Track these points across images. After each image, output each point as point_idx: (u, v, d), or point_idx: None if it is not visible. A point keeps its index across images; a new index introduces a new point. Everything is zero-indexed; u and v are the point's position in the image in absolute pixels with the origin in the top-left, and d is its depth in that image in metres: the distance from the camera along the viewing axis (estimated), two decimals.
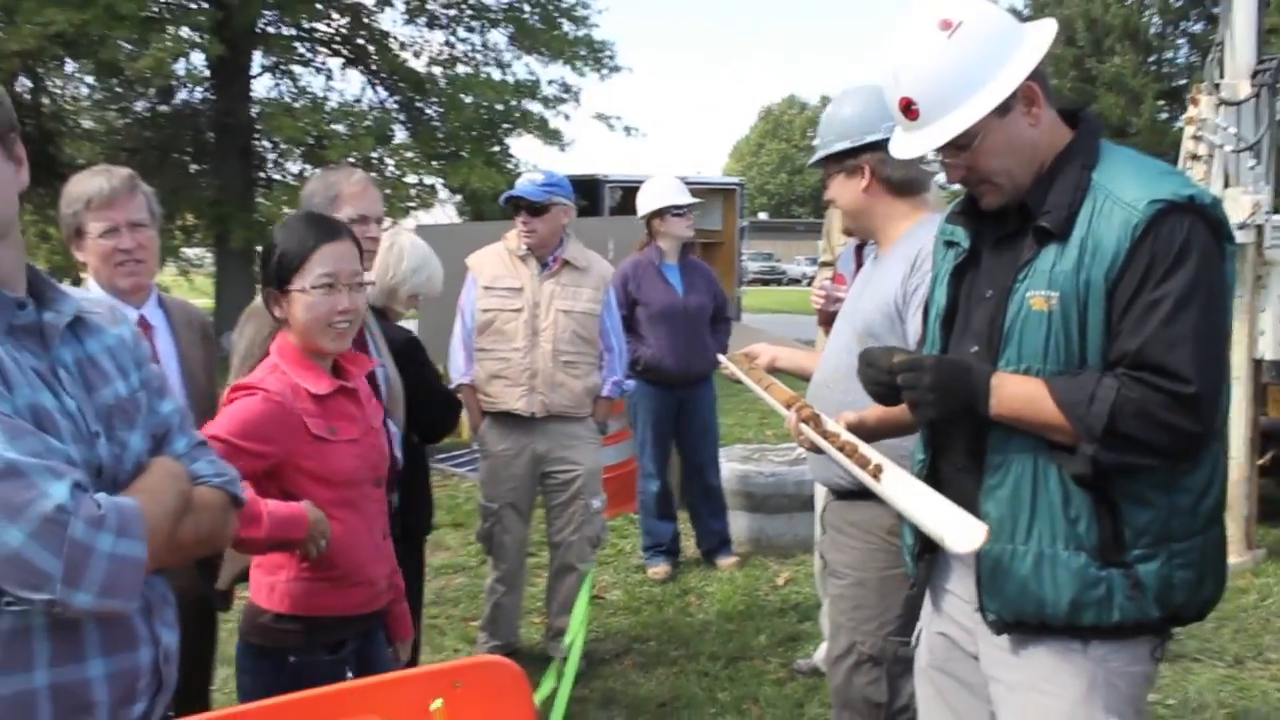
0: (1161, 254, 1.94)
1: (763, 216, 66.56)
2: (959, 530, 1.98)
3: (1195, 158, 6.09)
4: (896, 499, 2.14)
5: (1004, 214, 2.20)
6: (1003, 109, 2.07)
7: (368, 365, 2.72)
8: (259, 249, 2.79)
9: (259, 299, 2.84)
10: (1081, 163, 2.09)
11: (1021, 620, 2.12)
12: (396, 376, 3.73)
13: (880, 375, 2.22)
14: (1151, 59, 28.31)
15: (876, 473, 2.21)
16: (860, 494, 2.66)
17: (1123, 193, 2.00)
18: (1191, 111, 6.09)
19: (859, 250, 4.00)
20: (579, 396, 4.77)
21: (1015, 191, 2.14)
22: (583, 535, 4.84)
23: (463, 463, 9.22)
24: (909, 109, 2.16)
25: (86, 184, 2.98)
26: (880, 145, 2.90)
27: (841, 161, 3.02)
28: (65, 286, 1.87)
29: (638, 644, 5.14)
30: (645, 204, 6.15)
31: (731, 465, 6.76)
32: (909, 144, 2.21)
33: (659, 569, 6.18)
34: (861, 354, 2.31)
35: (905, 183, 2.95)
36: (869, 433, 2.46)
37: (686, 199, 6.12)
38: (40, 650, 1.60)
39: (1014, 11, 28.85)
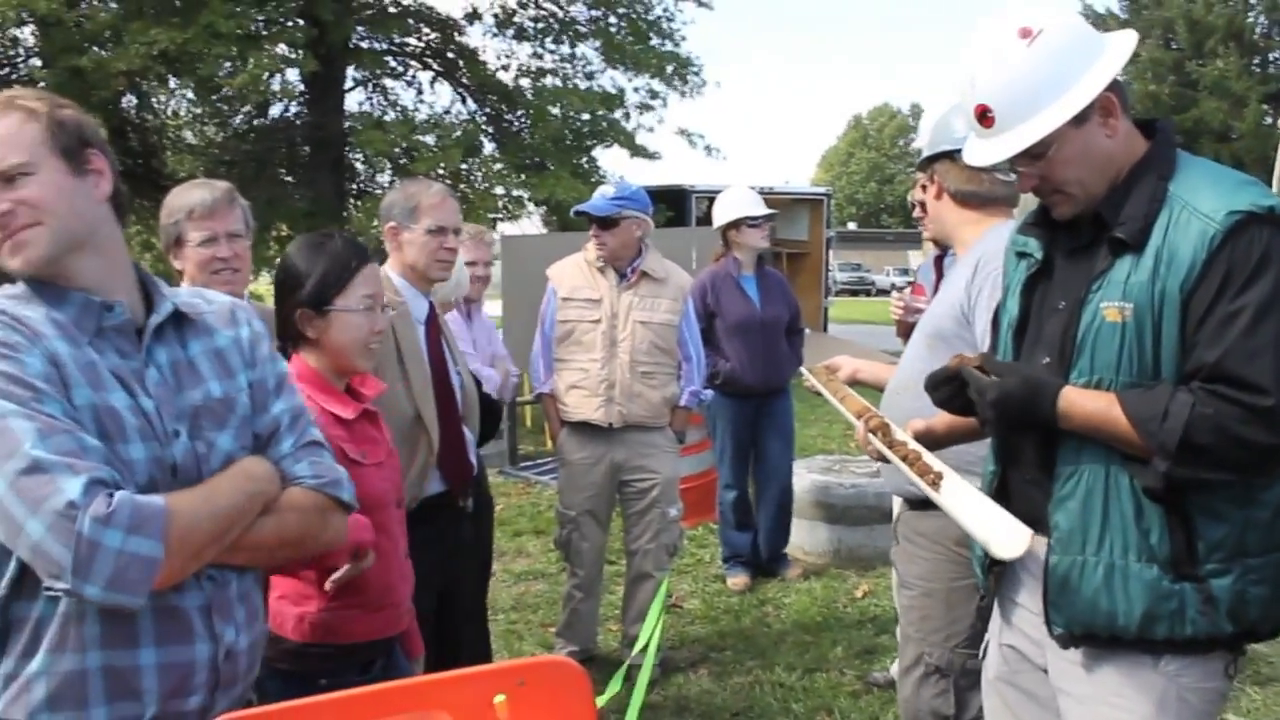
0: (1240, 265, 1.91)
1: (851, 226, 65.98)
2: (1004, 535, 1.98)
3: None
4: (950, 506, 2.14)
5: (1077, 224, 2.18)
6: (1079, 119, 2.06)
7: (378, 388, 2.74)
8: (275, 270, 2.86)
9: None
10: (1158, 173, 2.07)
11: (1091, 633, 2.09)
12: (471, 383, 3.81)
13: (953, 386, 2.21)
14: (1256, 61, 27.45)
15: (936, 481, 2.21)
16: (931, 504, 2.67)
17: (1199, 203, 1.98)
18: None
19: (939, 261, 4.00)
20: (656, 407, 4.80)
21: (1088, 202, 2.12)
22: (659, 543, 4.86)
23: (545, 471, 9.31)
24: (984, 116, 2.15)
25: (188, 195, 3.12)
26: (949, 155, 2.95)
27: (925, 168, 3.11)
28: (175, 289, 1.98)
29: (714, 653, 5.15)
30: (720, 215, 6.16)
31: (812, 476, 6.73)
32: (983, 152, 2.20)
33: (738, 579, 6.18)
34: (928, 380, 2.32)
35: (968, 195, 2.98)
36: (937, 440, 2.45)
37: (761, 210, 6.10)
38: (92, 634, 1.71)
39: (1110, 15, 28.38)
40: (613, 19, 18.57)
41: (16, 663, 1.73)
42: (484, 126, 18.50)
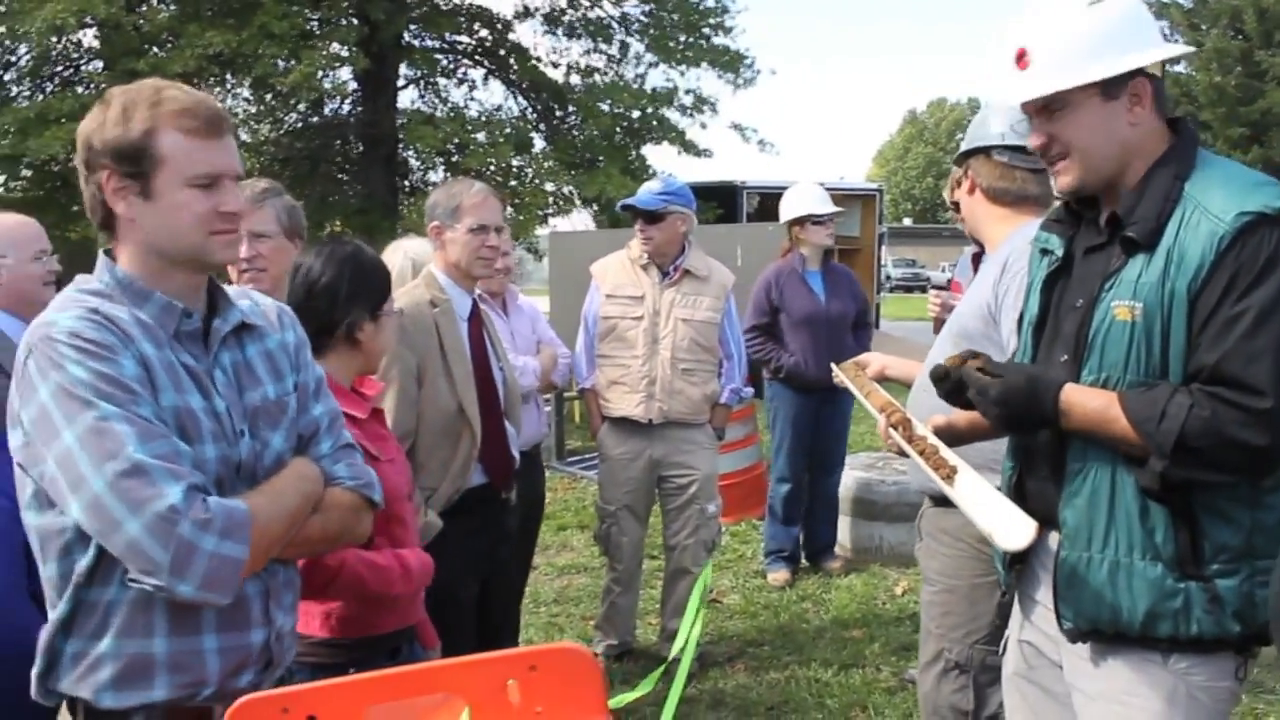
0: (1247, 266, 1.90)
1: (907, 222, 65.47)
2: (1008, 527, 2.00)
3: None
4: (961, 499, 2.16)
5: (1096, 221, 2.18)
6: (1108, 93, 2.06)
7: (377, 388, 2.81)
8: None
9: None
10: (1174, 172, 2.06)
11: (1097, 628, 2.10)
12: (515, 379, 3.87)
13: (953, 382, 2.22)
14: None
15: (950, 475, 2.22)
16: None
17: (1211, 203, 1.97)
18: None
19: (976, 259, 3.99)
20: (696, 403, 4.84)
21: (1089, 178, 2.11)
22: (698, 539, 4.89)
23: (591, 465, 9.35)
24: (1022, 58, 2.14)
25: None
26: (981, 154, 2.97)
27: (958, 164, 3.14)
28: (236, 295, 2.07)
29: (751, 648, 5.18)
30: (786, 212, 6.22)
31: (855, 473, 6.73)
32: (1011, 89, 2.18)
33: (779, 574, 6.21)
34: (931, 373, 2.33)
35: (1000, 192, 2.98)
36: (959, 435, 2.46)
37: (828, 208, 6.15)
38: (160, 621, 1.83)
39: (1174, 4, 27.78)
40: (664, 14, 18.56)
41: (85, 643, 1.83)
42: (535, 123, 18.60)
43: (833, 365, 3.36)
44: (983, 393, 2.12)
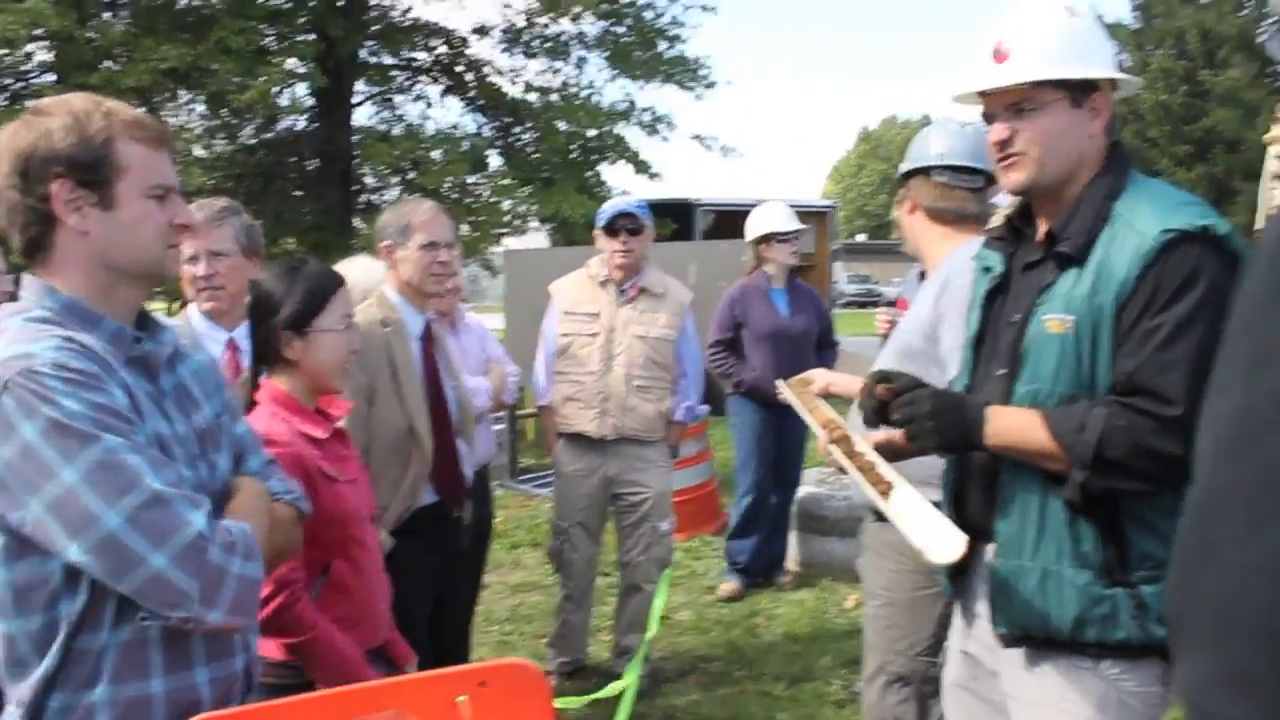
0: (1167, 282, 1.98)
1: (861, 238, 65.97)
2: (937, 541, 2.07)
3: (1279, 178, 6.00)
4: (895, 515, 2.22)
5: (1032, 239, 2.27)
6: (1075, 101, 2.15)
7: (344, 408, 2.80)
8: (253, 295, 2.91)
9: None
10: (1105, 191, 2.15)
11: (1029, 634, 2.18)
12: (468, 397, 3.91)
13: (873, 403, 2.30)
14: (1269, 70, 27.42)
15: (886, 491, 2.29)
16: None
17: (1137, 221, 2.06)
18: (1274, 131, 6.02)
19: (923, 276, 4.09)
20: (651, 420, 4.89)
21: (1038, 179, 2.18)
22: (650, 557, 4.94)
23: (545, 483, 9.37)
24: (998, 52, 2.21)
25: None
26: (922, 174, 3.07)
27: (901, 185, 3.25)
28: (160, 317, 2.04)
29: (703, 663, 5.22)
30: (752, 229, 6.35)
31: (805, 488, 6.81)
32: (979, 78, 2.25)
33: (729, 585, 6.28)
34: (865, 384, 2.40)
35: (940, 211, 3.07)
36: (898, 451, 2.53)
37: (792, 225, 6.28)
38: (155, 660, 1.77)
39: (1120, 25, 28.31)
40: (621, 28, 18.67)
41: (75, 694, 1.72)
42: (491, 140, 18.62)
43: (778, 382, 3.44)
44: (913, 404, 2.19)
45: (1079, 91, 2.16)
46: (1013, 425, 2.11)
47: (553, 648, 5.06)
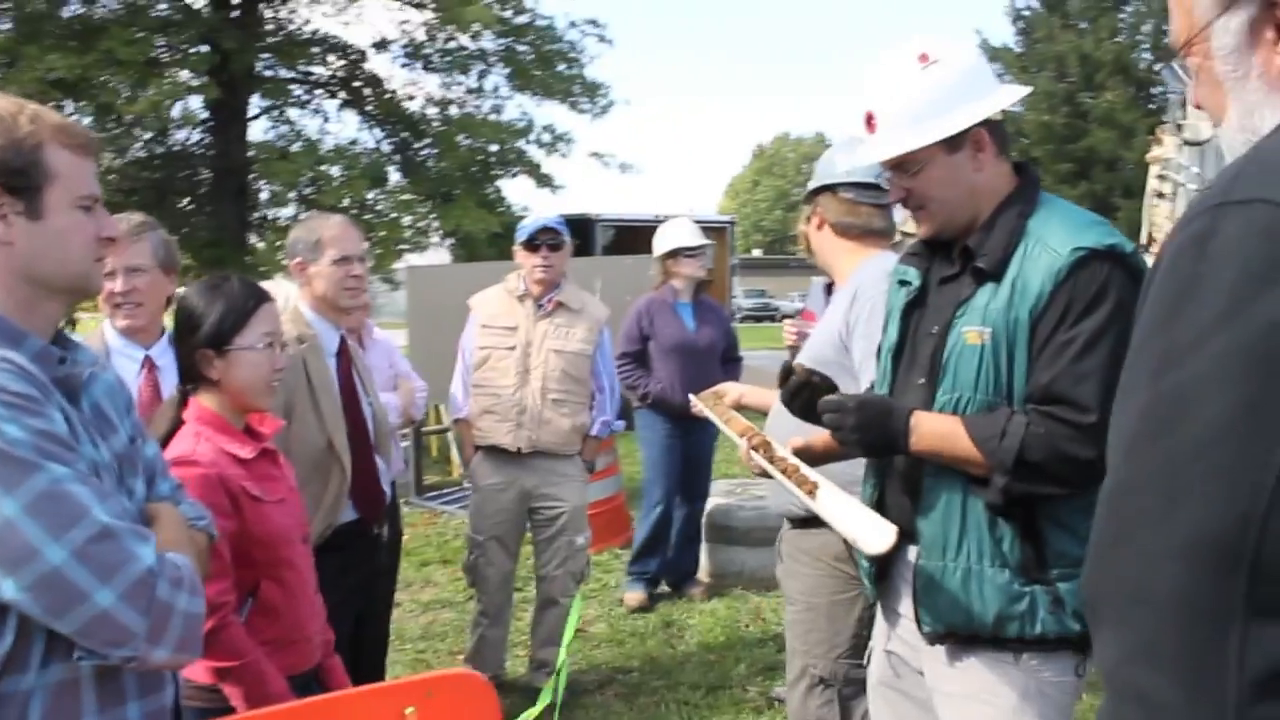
0: (1079, 297, 2.10)
1: (757, 253, 66.88)
2: (869, 532, 2.15)
3: (1160, 196, 6.30)
4: (824, 511, 2.31)
5: (949, 255, 2.37)
6: (951, 146, 2.26)
7: (275, 426, 2.77)
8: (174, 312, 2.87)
9: None
10: (1019, 211, 2.27)
11: (952, 631, 2.27)
12: (384, 414, 3.89)
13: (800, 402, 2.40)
14: (1143, 94, 28.60)
15: (812, 491, 2.38)
16: (812, 523, 2.86)
17: (1050, 239, 2.18)
18: (1156, 151, 6.32)
19: (829, 289, 4.19)
20: (567, 434, 4.92)
21: (947, 224, 2.32)
22: (566, 570, 4.96)
23: (451, 500, 9.34)
24: (870, 121, 2.34)
25: None
26: (831, 189, 3.18)
27: (807, 202, 3.34)
28: (73, 335, 1.96)
29: (620, 675, 5.25)
30: (660, 245, 6.47)
31: (714, 500, 6.90)
32: (862, 152, 2.41)
33: (635, 595, 6.35)
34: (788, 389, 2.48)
35: (847, 226, 3.19)
36: (816, 457, 2.61)
37: (698, 241, 6.39)
38: (88, 699, 1.67)
39: (1005, 49, 29.29)
40: (521, 47, 18.71)
41: None
42: (390, 156, 18.47)
43: (692, 396, 3.50)
44: (839, 408, 2.29)
45: (952, 139, 2.26)
46: (936, 431, 2.21)
47: (470, 663, 5.03)
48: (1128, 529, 1.06)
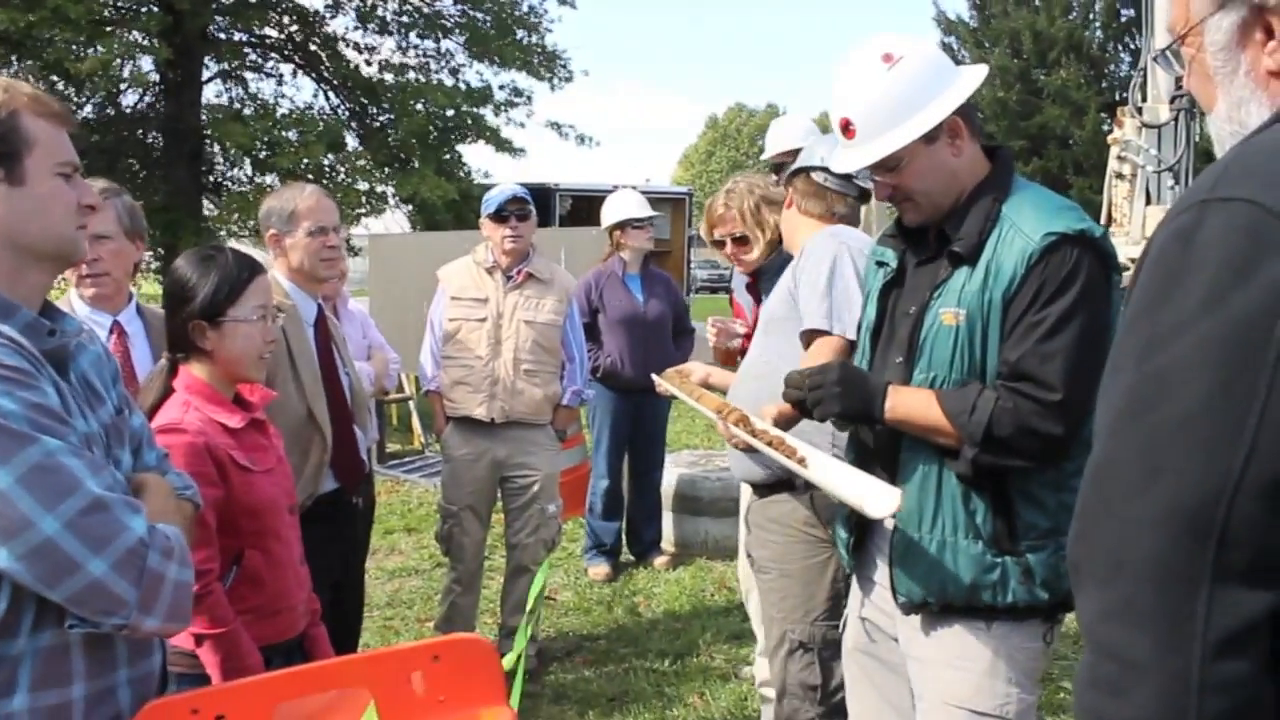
0: (1050, 279, 2.19)
1: None
2: (876, 497, 2.22)
3: (1120, 176, 6.43)
4: (821, 479, 2.38)
5: (925, 237, 2.45)
6: (928, 138, 2.34)
7: (266, 396, 2.79)
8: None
9: None
10: (994, 195, 2.35)
11: (927, 601, 2.37)
12: (360, 383, 3.91)
13: (797, 391, 2.46)
14: (1094, 72, 28.89)
15: (803, 460, 2.45)
16: (777, 487, 2.96)
17: (1023, 223, 2.26)
18: (1116, 133, 6.44)
19: (751, 286, 4.23)
20: (539, 404, 4.96)
21: (933, 211, 2.40)
22: (538, 538, 5.02)
23: (413, 469, 9.36)
24: (847, 128, 2.43)
25: None
26: (806, 172, 3.28)
27: (785, 184, 3.44)
28: (61, 305, 1.98)
29: (588, 643, 5.34)
30: (607, 216, 6.49)
31: (678, 470, 6.98)
32: (845, 159, 2.49)
33: (599, 569, 6.44)
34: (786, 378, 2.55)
35: (810, 207, 3.35)
36: (789, 420, 2.69)
37: (646, 212, 6.44)
38: (78, 665, 1.70)
39: (960, 22, 29.47)
40: (479, 14, 18.51)
41: None
42: (347, 122, 18.25)
43: (654, 377, 3.55)
44: (821, 379, 2.37)
45: (928, 131, 2.34)
46: (910, 402, 2.31)
47: (440, 630, 5.08)
48: (1109, 500, 1.16)
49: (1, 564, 1.55)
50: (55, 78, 15.07)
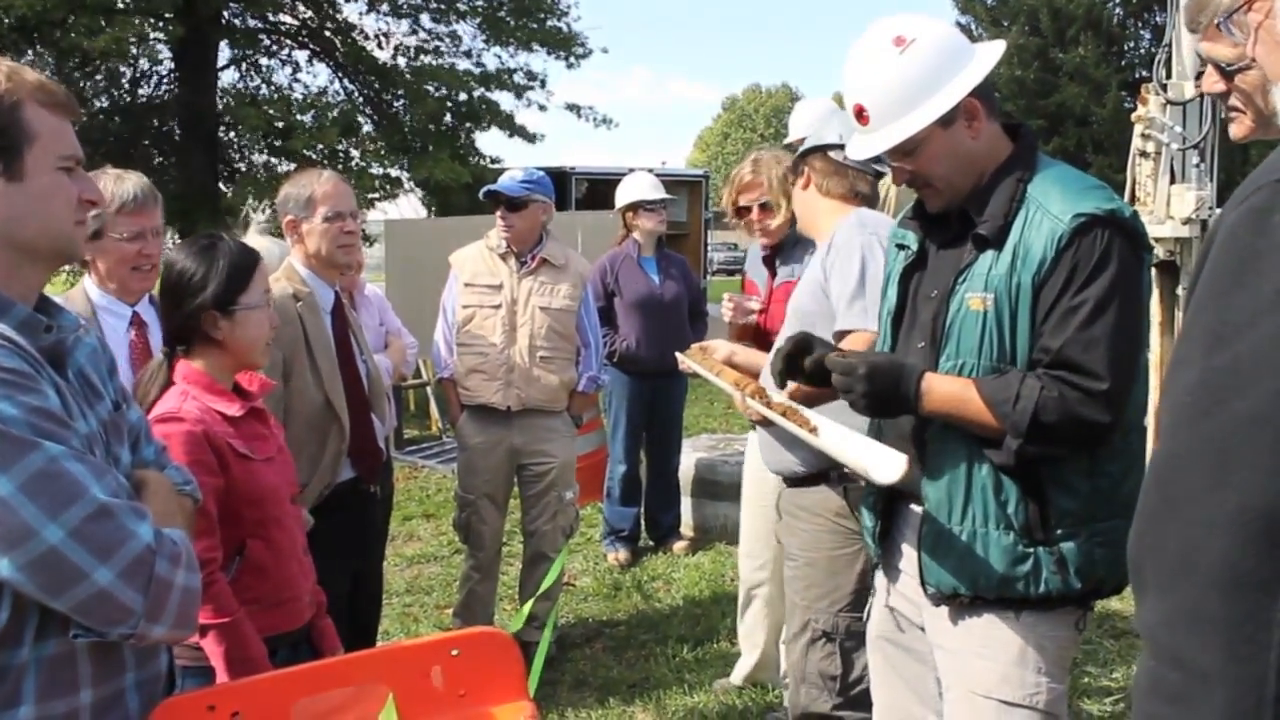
0: (1083, 263, 2.13)
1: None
2: (882, 462, 2.19)
3: (1144, 154, 6.31)
4: (830, 447, 2.36)
5: (948, 219, 2.39)
6: (945, 121, 2.28)
7: (266, 385, 2.78)
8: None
9: None
10: (1018, 175, 2.29)
11: (958, 592, 2.32)
12: (378, 371, 3.89)
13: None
14: (1114, 49, 28.61)
15: (814, 430, 2.42)
16: (808, 480, 2.92)
17: (1051, 205, 2.20)
18: (1140, 110, 6.31)
19: (769, 260, 4.18)
20: (554, 391, 4.92)
21: (954, 195, 2.34)
22: (556, 525, 4.99)
23: (431, 454, 9.36)
24: (861, 115, 2.37)
25: (113, 187, 3.10)
26: (822, 150, 3.22)
27: (797, 163, 3.38)
28: (56, 298, 1.89)
29: (607, 628, 5.32)
30: (620, 199, 6.48)
31: (696, 454, 6.95)
32: (860, 146, 2.43)
33: (619, 554, 6.43)
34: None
35: (830, 187, 3.29)
36: (809, 398, 2.66)
37: (658, 195, 6.39)
38: (85, 672, 1.66)
39: (977, 0, 29.23)
40: None
41: None
42: (361, 106, 18.23)
43: (678, 354, 3.52)
44: (849, 371, 2.30)
45: (945, 114, 2.28)
46: (948, 393, 2.24)
47: (458, 618, 5.06)
48: (1175, 499, 1.08)
49: (3, 574, 1.50)
50: (71, 64, 15.11)
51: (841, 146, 3.23)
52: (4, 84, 1.60)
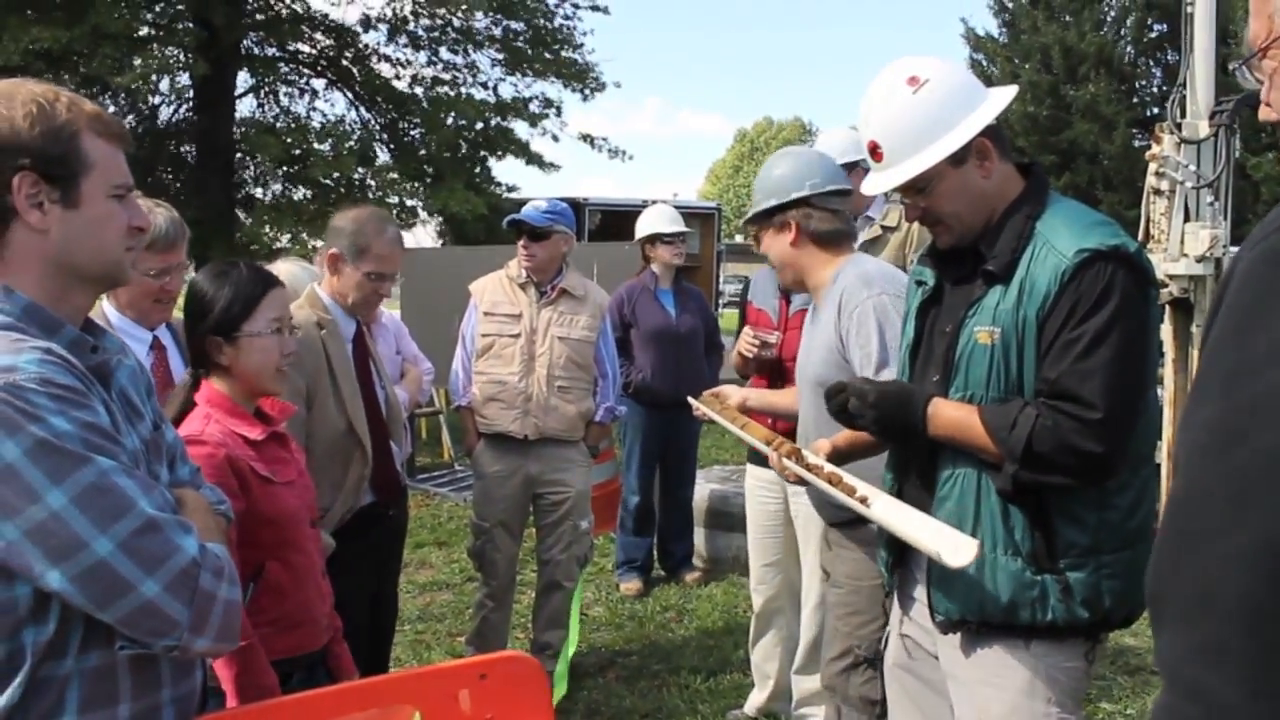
0: (1085, 296, 2.18)
1: (739, 239, 66.80)
2: (955, 547, 2.20)
3: (1158, 193, 6.34)
4: (890, 523, 2.36)
5: (963, 257, 2.44)
6: (957, 160, 2.35)
7: (288, 410, 2.80)
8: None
9: None
10: (1027, 213, 2.35)
11: (965, 619, 2.35)
12: (396, 398, 3.92)
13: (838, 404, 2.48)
14: (1124, 87, 28.74)
15: (865, 500, 2.43)
16: (852, 524, 2.93)
17: (1056, 240, 2.26)
18: (1155, 149, 6.35)
19: (787, 293, 4.17)
20: (572, 420, 4.95)
21: (964, 233, 2.40)
22: (570, 554, 5.00)
23: (444, 483, 9.38)
24: (875, 151, 2.45)
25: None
26: (805, 202, 3.21)
27: (771, 218, 3.33)
28: (98, 320, 1.93)
29: (620, 658, 5.32)
30: (640, 230, 6.56)
31: (709, 486, 6.96)
32: (873, 182, 2.50)
33: (632, 584, 6.45)
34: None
35: (829, 233, 3.23)
36: (841, 455, 2.69)
37: (676, 227, 6.44)
38: (125, 685, 1.69)
39: (989, 38, 29.42)
40: (514, 26, 18.56)
41: None
42: (378, 135, 18.36)
43: (691, 400, 3.52)
44: (861, 396, 2.39)
45: (956, 153, 2.35)
46: (952, 419, 2.30)
47: (471, 645, 5.07)
48: (1194, 534, 1.08)
49: (54, 585, 1.54)
50: (95, 90, 15.25)
51: (838, 193, 3.26)
52: (64, 114, 1.66)
